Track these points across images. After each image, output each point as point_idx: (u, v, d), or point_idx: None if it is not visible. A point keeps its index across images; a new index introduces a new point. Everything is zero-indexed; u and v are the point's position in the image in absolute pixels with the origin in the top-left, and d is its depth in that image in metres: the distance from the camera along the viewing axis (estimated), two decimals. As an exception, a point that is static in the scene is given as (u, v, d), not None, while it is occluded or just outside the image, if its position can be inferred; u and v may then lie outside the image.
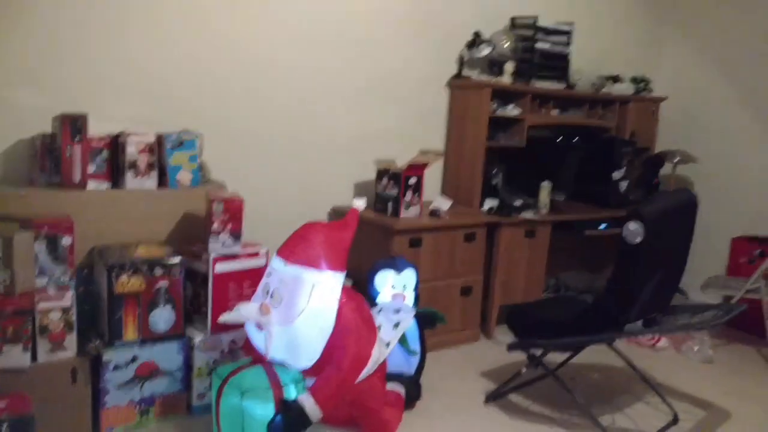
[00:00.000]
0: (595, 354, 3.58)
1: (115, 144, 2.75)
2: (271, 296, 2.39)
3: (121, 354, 2.51)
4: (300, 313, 2.34)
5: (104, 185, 2.72)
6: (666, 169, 4.62)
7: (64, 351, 2.40)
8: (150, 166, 2.77)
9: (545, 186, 3.85)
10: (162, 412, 2.65)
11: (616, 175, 4.23)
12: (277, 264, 2.41)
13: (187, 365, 2.68)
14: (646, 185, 4.50)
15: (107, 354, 2.48)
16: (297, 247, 2.39)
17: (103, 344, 2.50)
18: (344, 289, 2.49)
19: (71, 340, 2.41)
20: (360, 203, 2.67)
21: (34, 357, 2.36)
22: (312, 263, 2.36)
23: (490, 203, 3.83)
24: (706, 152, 4.67)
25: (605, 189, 4.24)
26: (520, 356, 2.94)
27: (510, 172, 4.01)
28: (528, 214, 3.77)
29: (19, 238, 2.31)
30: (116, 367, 2.51)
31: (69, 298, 2.40)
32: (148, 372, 2.58)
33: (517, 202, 3.85)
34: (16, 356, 2.30)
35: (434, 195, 3.90)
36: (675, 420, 2.95)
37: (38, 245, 2.42)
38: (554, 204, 3.96)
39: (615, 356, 3.13)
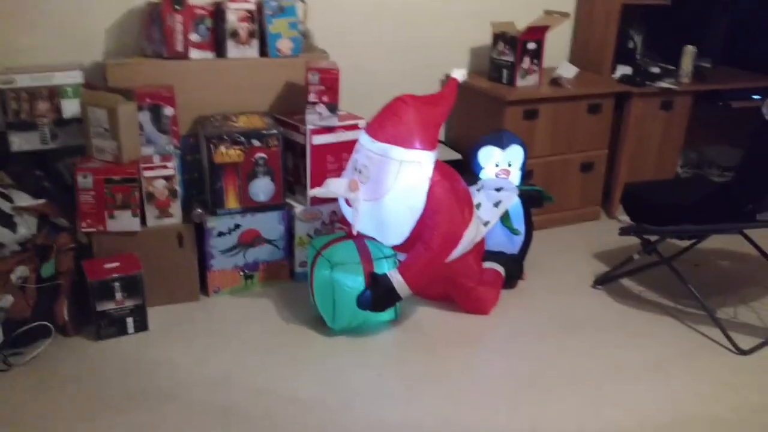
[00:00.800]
0: (726, 240, 3.27)
1: (218, 12, 2.71)
2: (360, 172, 2.33)
3: (224, 222, 2.61)
4: (388, 190, 2.28)
5: (208, 54, 2.72)
6: None
7: (170, 217, 2.53)
8: (251, 35, 2.72)
9: (688, 50, 3.39)
10: (266, 277, 2.76)
11: (782, 36, 3.63)
12: (365, 140, 2.33)
13: (289, 234, 2.75)
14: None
15: (210, 221, 2.59)
16: (385, 123, 2.29)
17: (207, 212, 2.60)
18: (438, 166, 2.39)
19: (176, 207, 2.53)
20: (460, 73, 2.50)
21: (143, 222, 2.50)
22: (400, 141, 2.26)
23: (622, 70, 3.45)
24: None
25: (764, 51, 3.66)
26: (638, 239, 2.73)
27: (650, 35, 3.56)
28: (665, 83, 3.37)
29: (123, 109, 2.39)
30: (220, 234, 2.62)
31: (172, 167, 2.48)
32: (251, 239, 2.68)
33: (655, 69, 3.44)
34: (127, 220, 2.45)
35: (560, 61, 3.57)
36: (809, 318, 2.66)
37: (142, 116, 2.50)
38: (699, 71, 3.50)
39: (749, 242, 2.84)
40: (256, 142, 2.57)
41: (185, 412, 2.04)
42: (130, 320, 2.41)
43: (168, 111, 2.53)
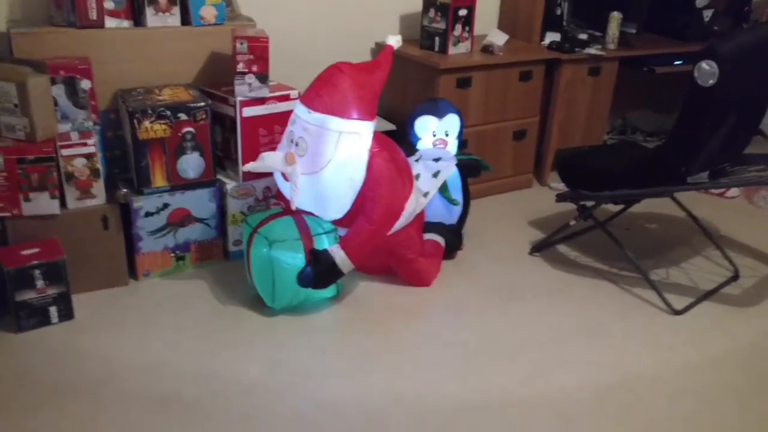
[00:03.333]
0: (656, 203, 3.36)
1: (134, -24, 2.54)
2: (296, 145, 2.24)
3: (151, 201, 2.47)
4: (327, 163, 2.20)
5: (124, 23, 2.54)
6: (761, -5, 4.06)
7: (93, 198, 2.37)
8: (171, 1, 2.56)
9: (614, 17, 3.42)
10: (198, 258, 2.64)
11: (700, 2, 3.72)
12: (300, 111, 2.24)
13: (221, 212, 2.64)
14: (734, 14, 3.96)
15: (137, 201, 2.44)
16: (321, 93, 2.20)
17: (133, 191, 2.45)
18: (377, 137, 2.32)
19: (99, 187, 2.37)
20: (395, 40, 2.43)
21: (63, 204, 2.33)
22: (337, 111, 2.18)
23: (551, 37, 3.46)
24: (812, -26, 4.04)
25: (685, 19, 3.76)
26: (572, 205, 2.76)
27: (577, 1, 3.58)
28: (593, 49, 3.40)
29: (34, 82, 2.19)
30: (148, 214, 2.48)
31: (92, 145, 2.32)
32: (181, 219, 2.55)
33: (582, 36, 3.47)
34: (45, 203, 2.27)
35: (490, 29, 3.54)
36: (735, 276, 2.77)
37: (56, 89, 2.31)
38: (624, 37, 3.55)
39: (677, 206, 2.91)
40: (182, 116, 2.43)
41: (120, 403, 1.93)
42: (53, 309, 2.25)
43: (84, 84, 2.35)
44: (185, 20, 2.61)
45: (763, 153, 3.12)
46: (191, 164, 2.50)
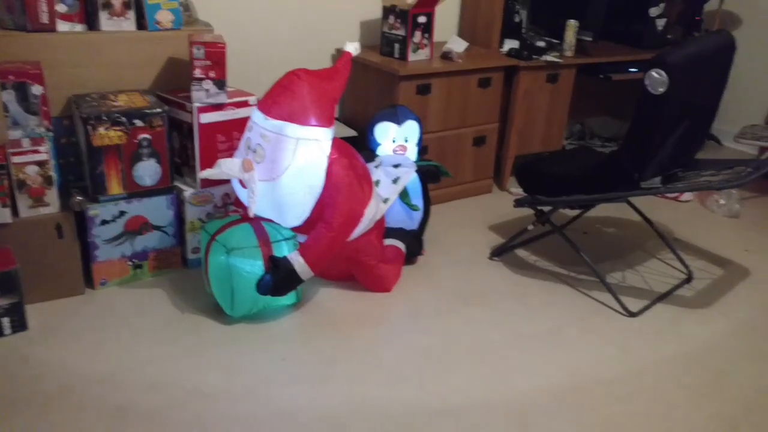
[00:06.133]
0: (611, 208, 3.43)
1: (87, -20, 2.50)
2: (254, 152, 2.23)
3: (107, 209, 2.43)
4: (285, 170, 2.19)
5: (77, 27, 2.50)
6: (711, 5, 4.16)
7: (46, 206, 2.32)
8: (126, 5, 2.52)
9: (571, 24, 3.48)
10: (156, 266, 2.61)
11: (654, 11, 3.80)
12: (257, 118, 2.23)
13: (179, 219, 2.60)
14: (686, 23, 4.07)
15: (92, 209, 2.40)
16: (279, 99, 2.19)
17: (87, 199, 2.41)
18: (336, 143, 2.32)
19: (52, 195, 2.32)
20: (353, 47, 2.43)
21: (15, 213, 2.28)
22: (295, 117, 2.17)
23: (510, 44, 3.51)
24: (760, -16, 4.17)
25: (640, 28, 3.84)
26: (531, 210, 2.79)
27: (534, 9, 3.64)
28: (551, 57, 3.46)
29: (-16, 88, 2.15)
30: (104, 222, 2.44)
31: (45, 152, 2.27)
32: (138, 226, 2.51)
33: (540, 43, 3.51)
34: (-5, 212, 2.22)
35: (449, 36, 3.58)
36: (689, 278, 2.83)
37: (6, 95, 2.26)
38: (581, 45, 3.62)
39: (633, 210, 2.97)
40: (138, 122, 2.40)
41: (75, 415, 1.89)
42: (5, 320, 2.19)
43: (36, 89, 2.30)
44: (141, 25, 2.58)
45: (715, 158, 3.20)
46: (148, 171, 2.47)
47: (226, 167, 2.25)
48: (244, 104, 2.60)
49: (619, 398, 2.11)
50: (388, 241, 2.69)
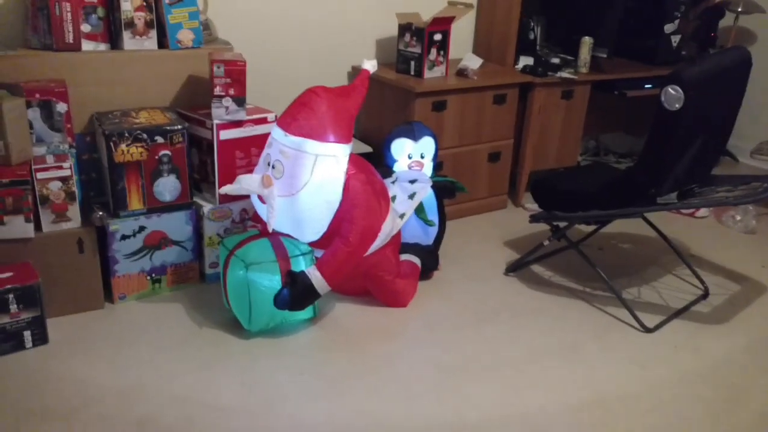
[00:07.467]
0: (627, 224, 3.43)
1: (111, 1, 2.55)
2: (273, 168, 2.26)
3: (128, 224, 2.47)
4: (303, 185, 2.22)
5: (101, 46, 2.55)
6: (726, 21, 4.18)
7: (68, 222, 2.36)
8: (148, 25, 2.58)
9: (586, 41, 3.51)
10: (175, 280, 2.64)
11: (669, 28, 3.82)
12: (277, 134, 2.26)
13: (198, 234, 2.64)
14: (701, 39, 4.08)
15: (113, 224, 2.44)
16: (298, 116, 2.23)
17: (108, 214, 2.45)
18: (353, 159, 2.35)
19: (74, 210, 2.36)
20: (370, 65, 2.46)
21: (38, 228, 2.32)
22: (314, 134, 2.21)
23: (524, 61, 3.54)
24: (775, 0, 4.17)
25: (654, 44, 3.86)
26: (546, 225, 2.80)
27: (549, 26, 3.67)
28: (565, 73, 3.48)
29: (9, 106, 2.19)
30: (124, 237, 2.47)
31: (68, 168, 2.32)
32: (158, 241, 2.54)
33: (555, 60, 3.54)
34: (19, 226, 2.26)
35: (464, 53, 3.61)
36: (705, 294, 2.82)
37: (32, 112, 2.31)
38: (596, 61, 3.63)
39: (648, 226, 2.97)
40: (159, 139, 2.44)
41: (95, 427, 1.91)
42: (27, 334, 2.23)
43: (60, 107, 2.36)
44: (162, 44, 2.63)
45: (731, 174, 3.20)
46: (168, 187, 2.51)
47: (246, 183, 2.28)
48: (263, 121, 2.64)
49: (636, 414, 2.10)
50: (404, 257, 2.70)
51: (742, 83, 2.51)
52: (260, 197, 2.32)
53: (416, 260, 2.72)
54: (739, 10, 4.01)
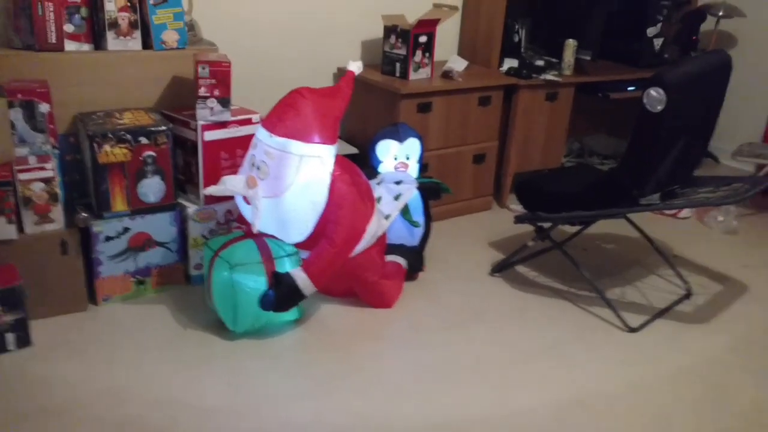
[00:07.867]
0: (611, 224, 3.45)
1: (94, 1, 2.54)
2: (258, 168, 2.26)
3: (112, 225, 2.45)
4: (288, 186, 2.22)
5: (84, 47, 2.54)
6: (708, 25, 4.22)
7: (52, 223, 2.34)
8: (132, 25, 2.57)
9: (570, 44, 3.53)
10: (159, 282, 2.62)
11: (651, 31, 3.86)
12: (262, 135, 2.26)
13: (182, 236, 2.63)
14: (683, 43, 4.13)
15: (97, 225, 2.42)
16: (283, 117, 2.23)
17: (92, 216, 2.43)
18: (338, 160, 2.35)
19: (57, 212, 2.34)
20: (356, 66, 2.47)
21: (21, 229, 2.30)
22: (299, 135, 2.21)
23: (509, 63, 3.56)
24: (756, 5, 4.22)
25: (637, 47, 3.90)
26: (531, 226, 2.82)
27: (534, 29, 3.69)
28: (550, 75, 3.50)
29: (-9, 106, 2.18)
30: (108, 238, 2.46)
31: (51, 169, 2.30)
32: (141, 243, 2.53)
33: (539, 62, 3.56)
34: (1, 228, 2.24)
35: (450, 55, 3.63)
36: (688, 294, 2.85)
37: (14, 113, 2.29)
38: (579, 64, 3.66)
39: (632, 226, 3.00)
40: (143, 140, 2.43)
41: (79, 429, 1.90)
42: (10, 336, 2.21)
43: (43, 108, 2.34)
44: (147, 44, 2.62)
45: (713, 175, 3.24)
46: (152, 188, 2.50)
47: (231, 184, 2.28)
48: (248, 122, 2.63)
49: (619, 413, 2.12)
50: (390, 258, 2.71)
51: (722, 86, 2.54)
52: (245, 198, 2.32)
53: (402, 261, 2.73)
54: (720, 14, 4.06)
